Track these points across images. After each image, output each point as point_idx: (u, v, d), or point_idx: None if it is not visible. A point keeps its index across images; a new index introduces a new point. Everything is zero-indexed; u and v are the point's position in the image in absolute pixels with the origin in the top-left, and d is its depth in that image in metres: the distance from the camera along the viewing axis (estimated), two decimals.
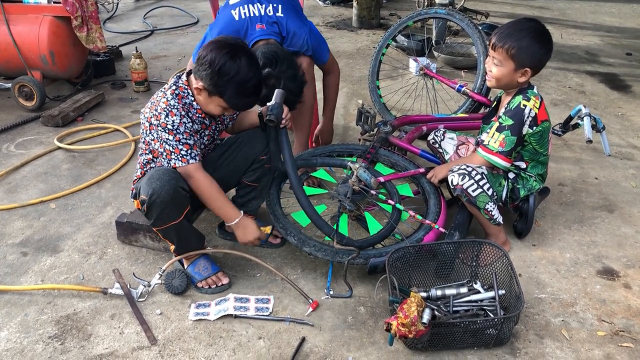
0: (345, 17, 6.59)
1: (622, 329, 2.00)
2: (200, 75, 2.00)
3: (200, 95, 2.05)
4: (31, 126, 3.62)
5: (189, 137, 2.05)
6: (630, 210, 2.72)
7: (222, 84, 1.97)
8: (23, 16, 3.68)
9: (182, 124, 2.03)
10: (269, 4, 2.68)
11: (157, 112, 2.02)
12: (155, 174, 2.00)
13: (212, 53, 1.96)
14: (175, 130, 2.01)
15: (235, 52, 1.97)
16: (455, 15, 3.41)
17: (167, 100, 2.03)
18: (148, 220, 2.08)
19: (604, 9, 7.15)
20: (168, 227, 2.06)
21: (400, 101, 3.87)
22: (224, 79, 1.96)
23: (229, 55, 1.95)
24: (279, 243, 2.43)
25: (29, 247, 2.43)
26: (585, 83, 4.47)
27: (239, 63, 1.96)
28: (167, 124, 2.01)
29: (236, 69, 1.95)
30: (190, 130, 2.06)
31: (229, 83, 1.96)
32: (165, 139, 2.02)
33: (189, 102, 2.09)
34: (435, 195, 2.41)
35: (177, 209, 2.04)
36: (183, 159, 2.03)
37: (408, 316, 1.76)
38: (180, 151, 2.03)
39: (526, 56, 2.17)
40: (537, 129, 2.25)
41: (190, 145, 2.05)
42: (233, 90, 1.98)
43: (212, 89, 1.99)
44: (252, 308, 2.07)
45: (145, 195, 1.98)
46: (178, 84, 2.09)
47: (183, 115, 2.04)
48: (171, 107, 2.02)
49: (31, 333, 1.97)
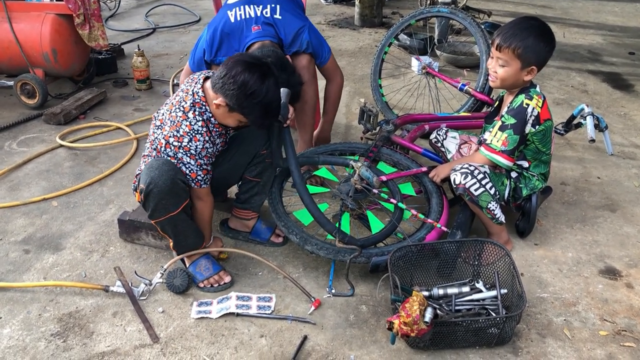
0: (347, 15, 6.59)
1: (624, 329, 2.00)
2: (224, 92, 1.97)
3: (219, 110, 2.03)
4: (33, 124, 3.62)
5: (208, 161, 2.09)
6: (633, 209, 2.72)
7: (248, 106, 1.97)
8: (25, 14, 3.68)
9: (205, 149, 2.05)
10: (266, 5, 2.67)
11: (179, 134, 2.01)
12: (154, 163, 2.00)
13: (243, 75, 1.93)
14: (197, 155, 2.03)
15: (264, 74, 1.97)
16: (458, 13, 3.41)
17: (189, 124, 2.01)
18: (145, 211, 2.07)
19: (607, 8, 7.14)
20: (165, 220, 2.06)
21: (403, 100, 3.87)
22: (252, 101, 1.96)
23: (260, 78, 1.95)
24: (281, 242, 2.43)
25: (31, 245, 2.43)
26: (587, 82, 4.47)
27: (267, 86, 1.96)
28: (190, 149, 2.01)
29: (265, 92, 1.96)
30: (210, 154, 2.09)
31: (255, 105, 1.97)
32: (186, 162, 2.03)
33: (207, 118, 2.07)
34: (438, 194, 2.41)
35: (174, 200, 2.03)
36: (197, 183, 2.08)
37: (410, 315, 1.76)
38: (197, 176, 2.06)
39: (532, 54, 2.17)
40: (539, 127, 2.24)
41: (208, 170, 2.09)
42: (258, 112, 2.00)
43: (236, 107, 1.99)
44: (254, 306, 2.07)
45: (144, 184, 1.98)
46: (196, 100, 2.05)
47: (206, 140, 2.05)
48: (195, 132, 2.02)
49: (34, 330, 1.97)
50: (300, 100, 2.74)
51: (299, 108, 2.82)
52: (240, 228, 2.46)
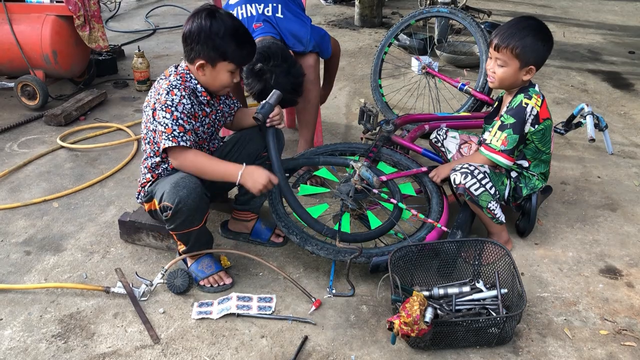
0: (347, 15, 6.59)
1: (625, 328, 2.00)
2: (196, 52, 2.01)
3: (205, 73, 2.05)
4: (34, 125, 3.63)
5: (186, 120, 2.02)
6: (633, 209, 2.72)
7: (219, 44, 1.98)
8: (26, 15, 3.69)
9: (181, 103, 2.02)
10: (268, 4, 2.68)
11: (159, 94, 2.03)
12: (181, 182, 1.98)
13: (194, 24, 1.99)
14: (173, 107, 1.99)
15: (212, 12, 2.00)
16: (458, 13, 3.41)
17: (169, 81, 2.04)
18: (168, 224, 2.07)
19: (606, 7, 7.14)
20: (187, 232, 2.09)
21: (403, 100, 3.87)
22: (219, 37, 1.97)
23: (210, 16, 1.98)
24: (281, 242, 2.44)
25: (32, 246, 2.44)
26: (587, 81, 4.47)
27: (222, 18, 1.99)
28: (166, 101, 2.00)
29: (223, 23, 1.98)
30: (188, 111, 2.03)
31: (224, 39, 1.98)
32: (162, 117, 2.00)
33: (193, 86, 2.09)
34: (438, 194, 2.41)
35: (200, 216, 2.07)
36: (174, 139, 1.98)
37: (410, 315, 1.76)
38: (173, 131, 1.99)
39: (531, 54, 2.18)
40: (539, 127, 2.25)
41: (185, 129, 2.01)
42: (232, 44, 1.99)
43: (212, 54, 1.99)
44: (254, 307, 2.07)
45: (171, 202, 1.97)
46: (178, 70, 2.10)
47: (184, 95, 2.03)
48: (172, 87, 2.02)
49: (35, 332, 1.98)
50: (304, 99, 2.75)
51: (302, 107, 2.82)
52: (240, 230, 2.47)
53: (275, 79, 2.40)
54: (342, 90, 4.26)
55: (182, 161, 2.04)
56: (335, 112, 3.85)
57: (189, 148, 2.03)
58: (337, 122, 3.68)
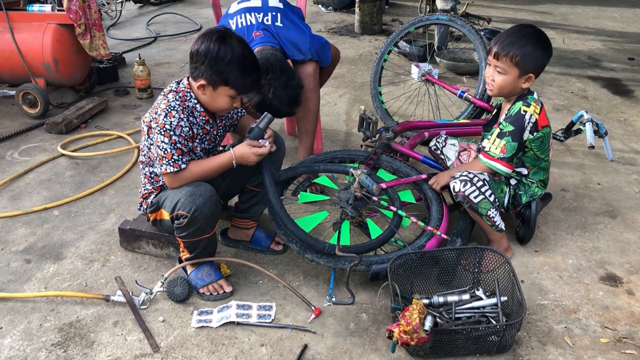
0: (347, 23, 6.61)
1: (625, 336, 1.99)
2: (199, 71, 2.00)
3: (205, 93, 2.04)
4: (35, 133, 3.64)
5: (184, 143, 2.04)
6: (633, 215, 2.72)
7: (224, 69, 1.97)
8: (27, 24, 3.71)
9: (179, 126, 2.02)
10: (267, 13, 2.69)
11: (157, 114, 2.03)
12: (196, 191, 2.00)
13: (203, 44, 1.98)
14: (171, 132, 2.00)
15: (224, 36, 1.99)
16: (457, 21, 3.42)
17: (167, 101, 2.04)
18: (180, 232, 2.07)
19: (606, 13, 7.15)
20: (197, 240, 2.10)
21: (403, 107, 3.88)
22: (224, 63, 1.96)
23: (220, 40, 1.98)
24: (281, 249, 2.44)
25: (32, 255, 2.44)
26: (587, 88, 4.48)
27: (231, 44, 1.98)
28: (165, 124, 2.00)
29: (231, 49, 1.97)
30: (186, 135, 2.05)
31: (229, 66, 1.97)
32: (160, 141, 2.01)
33: (192, 106, 2.08)
34: (438, 202, 2.41)
35: (213, 223, 2.10)
36: (175, 164, 2.02)
37: (410, 323, 1.76)
38: (172, 156, 2.01)
39: (530, 62, 2.19)
40: (537, 134, 2.25)
41: (183, 152, 2.04)
42: (236, 72, 1.99)
43: (215, 78, 1.99)
44: (254, 315, 2.07)
45: (187, 211, 1.98)
46: (179, 87, 2.09)
47: (182, 118, 2.03)
48: (170, 109, 2.02)
49: (34, 340, 1.98)
50: (304, 107, 2.76)
51: (302, 115, 2.83)
52: (240, 237, 2.47)
53: (274, 92, 2.40)
54: (342, 97, 4.27)
55: (181, 180, 2.06)
56: (336, 119, 3.86)
57: (187, 169, 2.06)
58: (337, 129, 3.69)
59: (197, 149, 2.14)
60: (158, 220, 2.21)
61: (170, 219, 2.08)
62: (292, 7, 2.91)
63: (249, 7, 2.73)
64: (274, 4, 2.77)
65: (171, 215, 2.06)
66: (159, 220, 2.20)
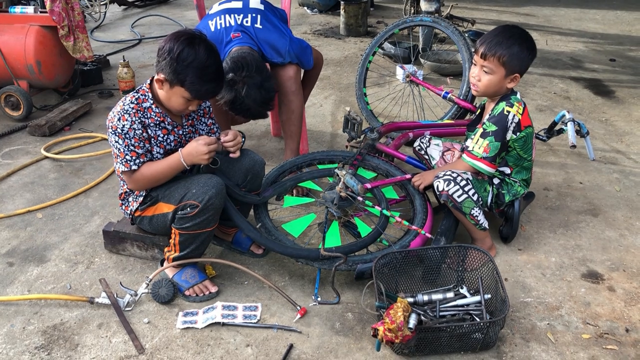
0: (333, 25, 6.63)
1: (607, 332, 2.02)
2: (160, 66, 2.01)
3: (163, 89, 2.05)
4: (18, 136, 3.60)
5: (138, 145, 2.06)
6: (614, 214, 2.75)
7: (181, 70, 1.97)
8: (9, 26, 3.67)
9: (132, 129, 2.04)
10: (247, 15, 2.69)
11: (112, 115, 2.06)
12: (209, 182, 2.04)
13: (170, 43, 1.99)
14: (124, 135, 2.03)
15: (192, 40, 1.99)
16: (441, 22, 3.45)
17: (122, 104, 2.07)
18: (183, 223, 2.06)
19: (588, 15, 7.25)
20: (196, 233, 2.09)
21: (387, 108, 3.90)
22: (183, 64, 1.96)
23: (187, 42, 1.98)
24: (261, 253, 2.43)
25: (16, 257, 2.42)
26: (570, 89, 4.53)
27: (197, 49, 1.98)
28: (117, 127, 2.03)
29: (194, 54, 1.97)
30: (139, 137, 2.06)
31: (188, 68, 1.97)
32: (115, 141, 2.05)
33: (148, 106, 2.10)
34: (422, 201, 2.43)
35: (217, 218, 2.13)
36: (126, 164, 2.05)
37: (394, 321, 1.77)
38: (125, 156, 2.04)
39: (517, 62, 2.21)
40: (520, 134, 2.28)
41: (138, 154, 2.06)
42: (193, 76, 1.98)
43: (172, 77, 1.99)
44: (239, 316, 2.07)
45: (199, 201, 2.01)
46: (141, 87, 2.12)
47: (134, 121, 2.04)
48: (124, 112, 2.04)
49: (17, 344, 1.96)
50: (287, 110, 2.76)
51: (286, 118, 2.83)
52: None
53: (247, 90, 2.40)
54: (328, 98, 4.28)
55: (136, 182, 2.09)
56: (321, 120, 3.87)
57: (137, 170, 2.07)
58: (322, 131, 3.70)
59: (154, 150, 2.13)
60: (150, 216, 2.18)
61: (173, 211, 2.07)
62: (275, 8, 2.91)
63: (229, 9, 2.73)
64: (255, 6, 2.77)
65: (177, 205, 2.05)
66: (152, 217, 2.18)
